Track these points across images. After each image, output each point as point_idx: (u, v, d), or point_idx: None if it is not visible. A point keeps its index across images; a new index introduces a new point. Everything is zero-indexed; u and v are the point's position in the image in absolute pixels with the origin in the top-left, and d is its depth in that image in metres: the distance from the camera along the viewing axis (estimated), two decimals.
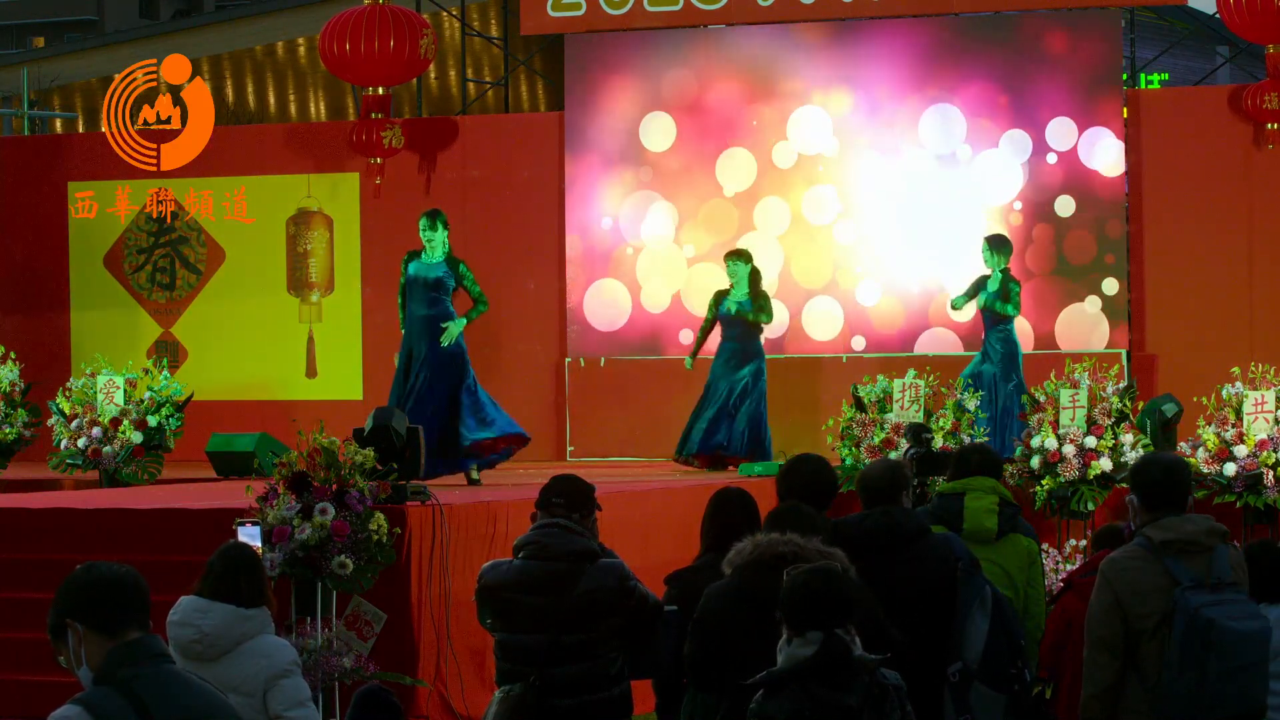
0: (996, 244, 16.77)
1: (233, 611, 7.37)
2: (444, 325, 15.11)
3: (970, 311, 17.23)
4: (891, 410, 15.27)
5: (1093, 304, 18.25)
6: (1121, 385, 15.01)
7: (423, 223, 15.31)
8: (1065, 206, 18.30)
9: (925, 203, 18.60)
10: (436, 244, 15.24)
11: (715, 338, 16.87)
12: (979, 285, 16.70)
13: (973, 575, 7.60)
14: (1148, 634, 6.52)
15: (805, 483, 7.99)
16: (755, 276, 16.70)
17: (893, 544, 7.47)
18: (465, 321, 15.19)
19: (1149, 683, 6.50)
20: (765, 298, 16.74)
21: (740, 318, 16.59)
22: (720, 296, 16.79)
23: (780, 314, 17.87)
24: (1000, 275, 16.59)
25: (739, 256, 16.81)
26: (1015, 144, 18.42)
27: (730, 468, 16.39)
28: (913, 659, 6.90)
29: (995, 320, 16.57)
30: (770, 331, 17.26)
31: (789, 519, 7.10)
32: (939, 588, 7.37)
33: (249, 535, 9.26)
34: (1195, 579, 6.49)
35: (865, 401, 15.41)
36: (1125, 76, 18.98)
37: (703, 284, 18.77)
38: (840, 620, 6.02)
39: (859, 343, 18.67)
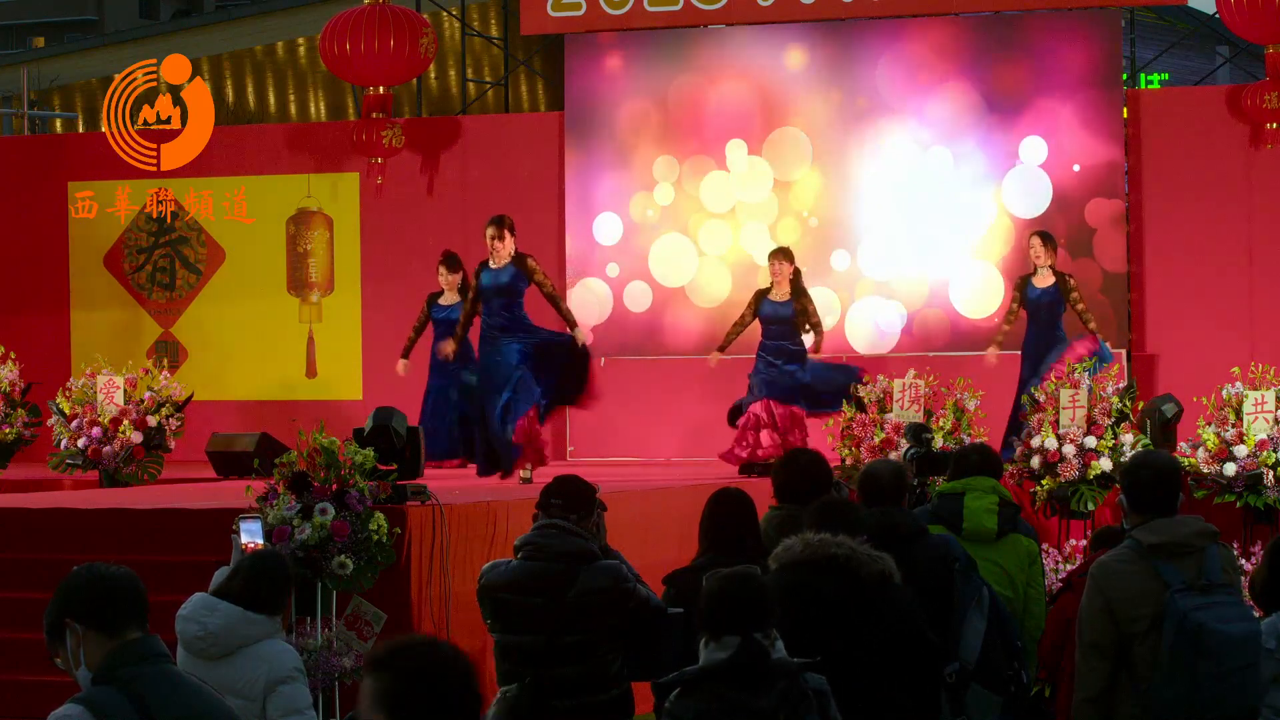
0: (1049, 239, 16.69)
1: (240, 613, 7.40)
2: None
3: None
4: (891, 410, 15.26)
5: (1091, 303, 18.22)
6: (1121, 385, 15.01)
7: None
8: (1065, 206, 18.29)
9: (924, 203, 18.59)
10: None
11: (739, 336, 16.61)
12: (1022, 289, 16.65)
13: (970, 576, 7.60)
14: (1139, 637, 6.51)
15: (801, 476, 7.98)
16: (798, 275, 16.38)
17: (890, 544, 7.46)
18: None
19: (1141, 685, 6.50)
20: (809, 296, 16.44)
21: (784, 317, 16.28)
22: (760, 295, 16.53)
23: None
24: (1054, 272, 16.51)
25: (783, 255, 16.49)
26: (1015, 144, 18.41)
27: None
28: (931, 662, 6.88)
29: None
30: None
31: (835, 516, 7.03)
32: (936, 588, 7.37)
33: (251, 531, 9.26)
34: (1185, 581, 6.48)
35: (865, 401, 15.40)
36: (1125, 76, 18.98)
37: (704, 283, 18.76)
38: (758, 624, 5.86)
39: (859, 342, 18.66)
